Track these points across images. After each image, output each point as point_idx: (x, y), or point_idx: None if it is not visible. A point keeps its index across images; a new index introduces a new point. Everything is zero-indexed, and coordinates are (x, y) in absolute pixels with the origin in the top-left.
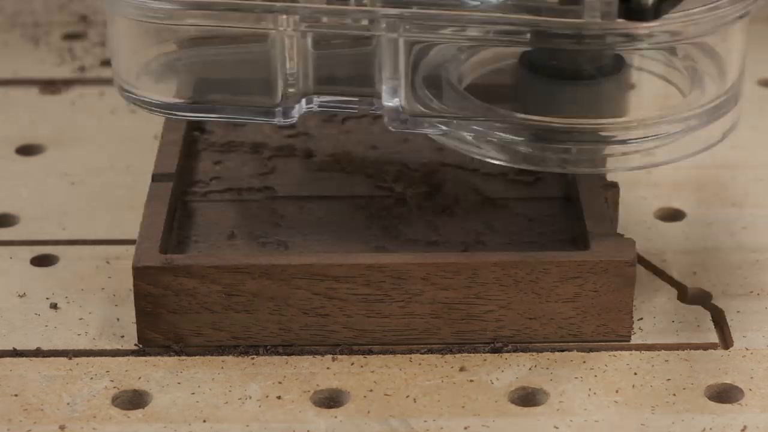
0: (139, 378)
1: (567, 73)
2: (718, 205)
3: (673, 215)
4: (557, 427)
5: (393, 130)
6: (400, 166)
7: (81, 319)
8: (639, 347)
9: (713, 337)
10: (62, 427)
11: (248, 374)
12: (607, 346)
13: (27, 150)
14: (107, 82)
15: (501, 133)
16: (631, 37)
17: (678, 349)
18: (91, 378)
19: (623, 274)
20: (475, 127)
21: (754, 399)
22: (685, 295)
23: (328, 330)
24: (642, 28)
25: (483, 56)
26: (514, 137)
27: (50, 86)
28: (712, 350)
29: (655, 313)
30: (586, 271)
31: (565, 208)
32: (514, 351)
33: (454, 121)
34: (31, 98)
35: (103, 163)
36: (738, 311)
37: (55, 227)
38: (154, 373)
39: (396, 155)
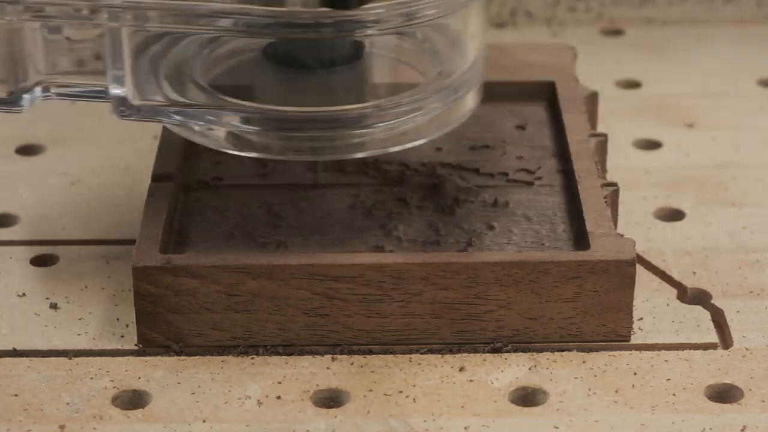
0: (139, 378)
1: (306, 63)
2: (718, 205)
3: (673, 215)
4: (557, 427)
5: (122, 118)
6: (400, 166)
7: (81, 319)
8: (639, 347)
9: (713, 337)
10: (62, 427)
11: (248, 374)
12: (607, 346)
13: (27, 150)
14: None
15: (232, 122)
16: (360, 24)
17: (678, 349)
18: (91, 378)
19: (623, 274)
20: (209, 117)
21: (754, 399)
22: (685, 295)
23: (328, 330)
24: (370, 14)
25: (227, 49)
26: (248, 126)
27: None
28: (712, 350)
29: (655, 313)
30: (586, 271)
31: (565, 209)
32: (514, 351)
33: (189, 111)
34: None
35: (103, 163)
36: (738, 311)
37: (55, 227)
38: (154, 373)
39: (396, 155)
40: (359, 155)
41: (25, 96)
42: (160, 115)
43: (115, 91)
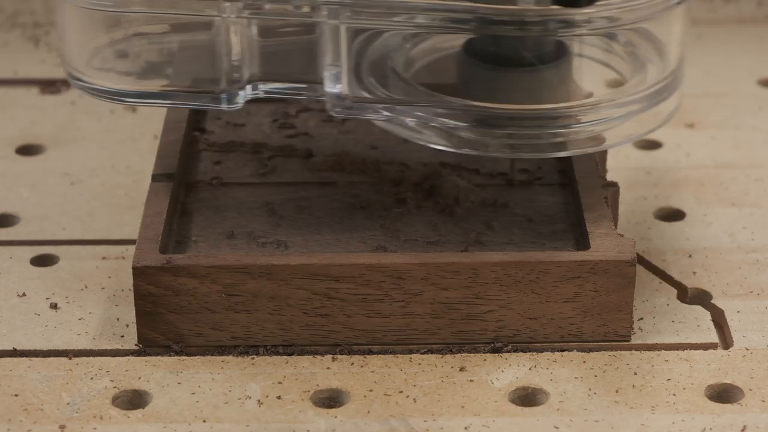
0: (139, 378)
1: (509, 61)
2: (718, 205)
3: (673, 215)
4: (557, 427)
5: (335, 115)
6: (400, 166)
7: (81, 319)
8: (639, 347)
9: (713, 337)
10: (62, 427)
11: (248, 374)
12: (607, 346)
13: (27, 150)
14: None
15: (444, 119)
16: (569, 24)
17: (678, 349)
18: (91, 378)
19: (623, 274)
20: (418, 113)
21: (754, 399)
22: (685, 295)
23: (328, 330)
24: (580, 14)
25: (428, 45)
26: (456, 123)
27: (50, 86)
28: (712, 350)
29: (655, 313)
30: (586, 271)
31: (565, 209)
32: (514, 351)
33: (398, 108)
34: (31, 98)
35: (103, 163)
36: (738, 311)
37: (55, 227)
38: (154, 373)
39: (396, 155)
40: (559, 155)
41: (240, 93)
42: (369, 112)
43: (332, 88)
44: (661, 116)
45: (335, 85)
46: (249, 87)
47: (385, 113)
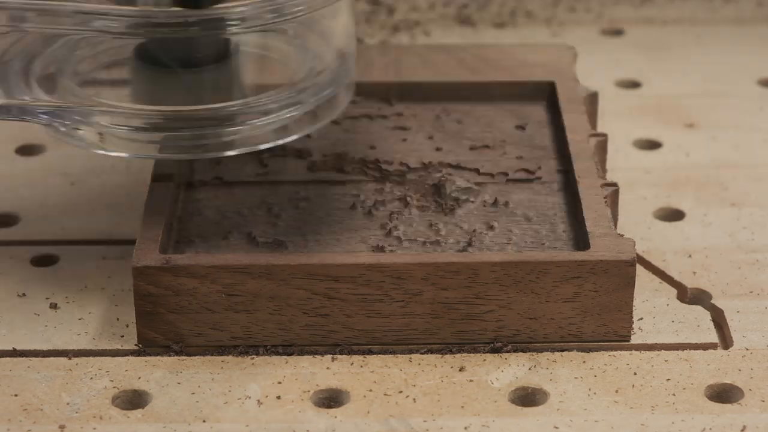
0: (139, 378)
1: (176, 62)
2: (718, 205)
3: (673, 215)
4: (557, 427)
5: None
6: (400, 166)
7: (81, 319)
8: (639, 347)
9: (713, 337)
10: (62, 427)
11: (248, 374)
12: (607, 346)
13: (27, 150)
14: None
15: (105, 122)
16: (226, 22)
17: (678, 349)
18: (91, 378)
19: (623, 274)
20: (76, 117)
21: (754, 399)
22: (685, 295)
23: (328, 330)
24: (233, 13)
25: (99, 50)
26: (119, 126)
27: None
28: (712, 350)
29: (655, 313)
30: (586, 271)
31: (565, 208)
32: (514, 351)
33: (57, 111)
34: None
35: (103, 163)
36: (738, 311)
37: (55, 227)
38: (154, 373)
39: (396, 155)
40: (230, 153)
41: None
42: (29, 115)
43: None
44: (334, 110)
45: None
46: None
47: (44, 116)
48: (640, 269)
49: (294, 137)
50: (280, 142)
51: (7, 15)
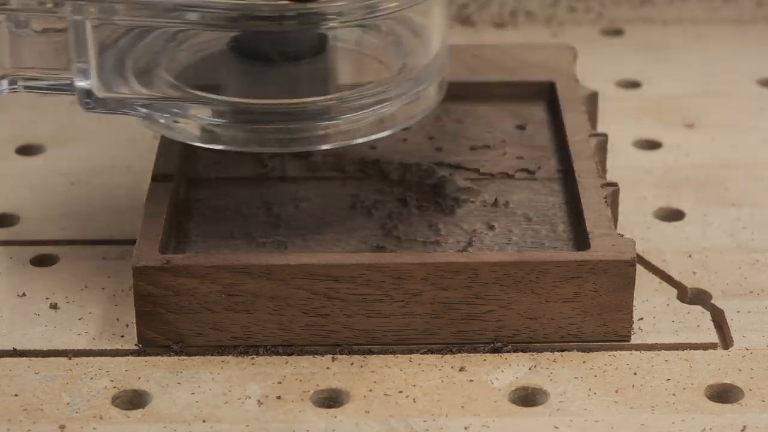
0: (139, 378)
1: (271, 56)
2: (718, 205)
3: (673, 215)
4: (557, 427)
5: (87, 111)
6: (400, 166)
7: (81, 319)
8: (639, 347)
9: (713, 337)
10: (62, 427)
11: (248, 374)
12: (607, 346)
13: (27, 150)
14: None
15: (202, 115)
16: (323, 16)
17: (678, 349)
18: (91, 378)
19: (623, 274)
20: (174, 110)
21: (754, 399)
22: (685, 295)
23: (328, 330)
24: (332, 7)
25: (195, 43)
26: (213, 119)
27: None
28: (712, 350)
29: (655, 313)
30: (586, 271)
31: (565, 208)
32: (514, 351)
33: (156, 105)
34: (31, 98)
35: (103, 163)
36: (738, 311)
37: (55, 227)
38: (154, 373)
39: (396, 155)
40: (324, 147)
41: None
42: (126, 108)
43: (81, 83)
44: (425, 105)
45: (83, 80)
46: (5, 82)
47: (142, 110)
48: (640, 269)
49: (387, 133)
50: (374, 137)
51: (102, 7)
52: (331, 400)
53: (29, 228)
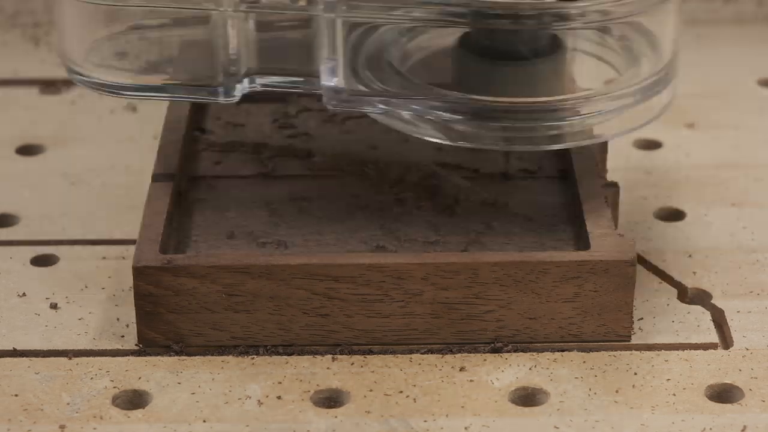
0: (139, 378)
1: (505, 54)
2: (718, 205)
3: (673, 215)
4: (557, 427)
5: (331, 109)
6: (400, 166)
7: (81, 319)
8: (639, 347)
9: (713, 337)
10: (62, 427)
11: (248, 374)
12: (607, 346)
13: (27, 150)
14: None
15: (439, 112)
16: (563, 17)
17: (678, 349)
18: (91, 378)
19: (623, 274)
20: (413, 106)
21: (754, 399)
22: (685, 295)
23: (328, 330)
24: (574, 7)
25: (424, 39)
26: (451, 115)
27: (50, 86)
28: (712, 350)
29: (655, 313)
30: (586, 271)
31: (565, 208)
32: (514, 351)
33: (393, 101)
34: (31, 98)
35: (103, 163)
36: (738, 311)
37: (55, 227)
38: (154, 373)
39: (396, 155)
40: (557, 147)
41: (238, 86)
42: (366, 105)
43: (328, 82)
44: (654, 110)
45: (331, 78)
46: (246, 81)
47: (381, 106)
48: (640, 269)
49: (612, 136)
50: (600, 140)
51: (347, 5)
52: (331, 400)
53: (29, 228)
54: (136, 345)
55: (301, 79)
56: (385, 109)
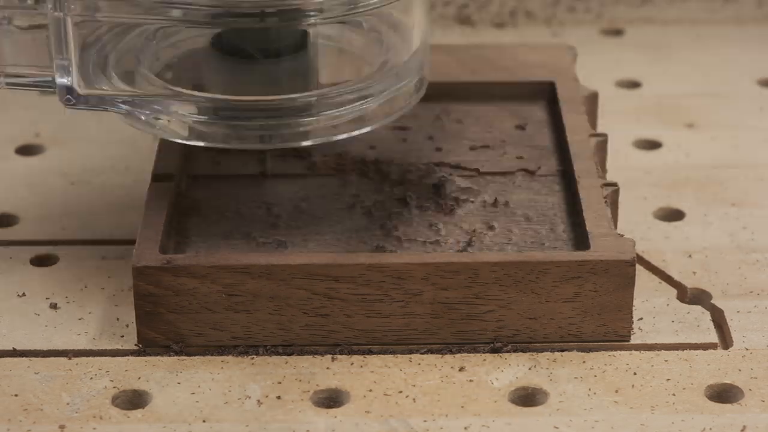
0: (139, 378)
1: (253, 53)
2: (718, 205)
3: (673, 215)
4: (557, 427)
5: (68, 107)
6: (400, 166)
7: (81, 319)
8: (639, 347)
9: (713, 337)
10: (62, 427)
11: (248, 374)
12: (607, 346)
13: (27, 150)
14: None
15: (183, 112)
16: (303, 13)
17: (678, 349)
18: (91, 378)
19: (623, 274)
20: (155, 107)
21: (754, 399)
22: (684, 295)
23: (328, 330)
24: (313, 3)
25: (175, 40)
26: (197, 116)
27: None
28: (712, 350)
29: (655, 313)
30: (586, 271)
31: (565, 208)
32: (514, 351)
33: (136, 101)
34: (31, 98)
35: (103, 163)
36: (738, 311)
37: (55, 227)
38: (154, 373)
39: (396, 155)
40: (305, 143)
41: None
42: (108, 105)
43: (61, 80)
44: (407, 102)
45: (64, 77)
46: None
47: (124, 107)
48: (640, 269)
49: (367, 129)
50: (355, 133)
51: (84, 4)
52: (331, 400)
53: (29, 228)
54: (135, 345)
55: (46, 78)
56: (128, 110)
